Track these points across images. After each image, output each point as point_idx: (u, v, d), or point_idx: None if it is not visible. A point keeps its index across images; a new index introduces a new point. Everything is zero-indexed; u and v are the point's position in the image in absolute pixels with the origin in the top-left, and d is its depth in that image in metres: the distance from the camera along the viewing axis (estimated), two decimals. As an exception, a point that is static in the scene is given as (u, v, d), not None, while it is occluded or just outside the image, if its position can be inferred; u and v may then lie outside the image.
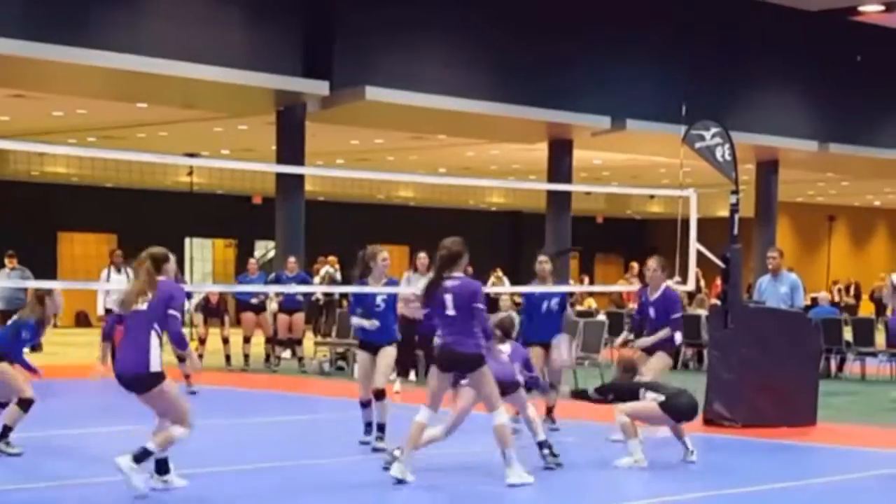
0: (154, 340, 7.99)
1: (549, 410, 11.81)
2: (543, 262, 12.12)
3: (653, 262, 11.46)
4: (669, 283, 11.59)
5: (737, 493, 8.85)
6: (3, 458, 9.57)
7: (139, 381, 7.97)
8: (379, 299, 10.56)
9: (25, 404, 9.74)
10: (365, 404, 10.46)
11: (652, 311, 11.28)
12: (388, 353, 10.50)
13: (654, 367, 10.99)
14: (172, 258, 8.31)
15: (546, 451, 9.46)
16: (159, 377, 7.97)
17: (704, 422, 12.36)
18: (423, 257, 15.69)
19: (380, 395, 10.34)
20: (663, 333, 11.14)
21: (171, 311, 8.02)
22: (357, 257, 10.71)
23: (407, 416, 8.94)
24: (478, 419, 9.49)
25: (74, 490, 8.54)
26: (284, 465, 9.70)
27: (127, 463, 7.91)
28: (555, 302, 11.91)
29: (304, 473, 9.45)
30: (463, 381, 9.04)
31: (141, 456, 7.96)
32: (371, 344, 10.53)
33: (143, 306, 8.05)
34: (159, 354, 8.04)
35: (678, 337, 11.32)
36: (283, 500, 8.33)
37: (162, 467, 8.22)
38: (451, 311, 8.77)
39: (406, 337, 15.02)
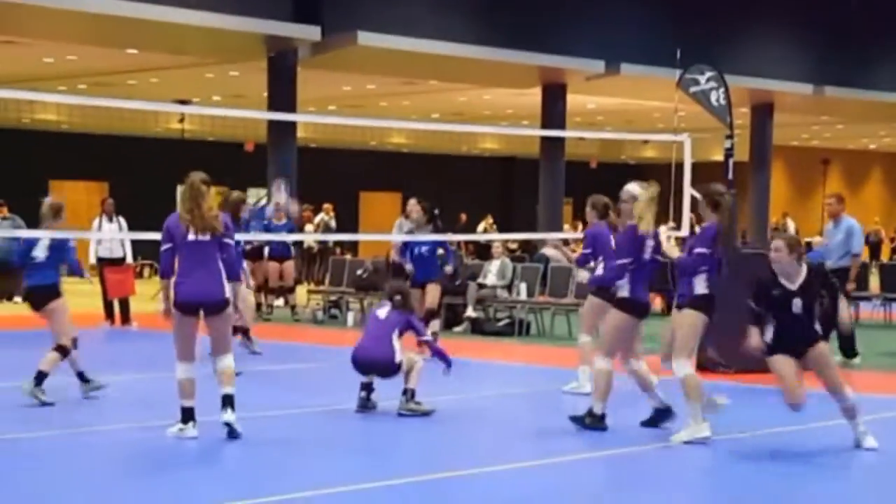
0: (222, 268, 8.43)
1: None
2: (415, 204, 13.70)
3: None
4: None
5: (732, 438, 8.85)
6: (26, 405, 9.55)
7: (219, 306, 8.41)
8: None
9: (63, 350, 9.84)
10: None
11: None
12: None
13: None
14: None
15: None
16: (228, 302, 8.49)
17: (698, 368, 12.35)
18: (412, 203, 15.61)
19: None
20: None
21: (227, 240, 8.51)
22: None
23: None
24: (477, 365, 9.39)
25: (89, 437, 8.55)
26: (280, 413, 9.68)
27: (229, 416, 8.33)
28: (426, 249, 13.29)
29: (299, 422, 9.43)
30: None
31: (229, 402, 8.36)
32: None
33: (206, 237, 8.35)
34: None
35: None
36: (281, 449, 8.30)
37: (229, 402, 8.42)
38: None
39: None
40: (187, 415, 8.35)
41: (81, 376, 10.16)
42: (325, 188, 27.19)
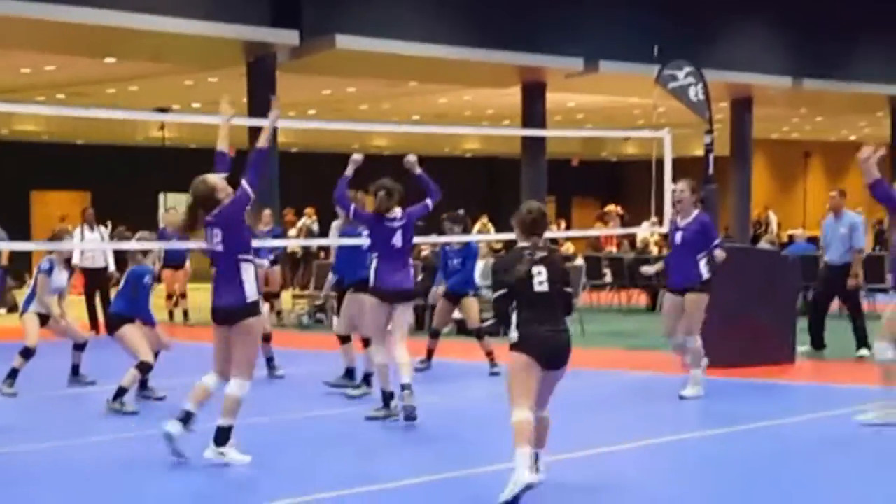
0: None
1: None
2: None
3: (682, 184, 10.65)
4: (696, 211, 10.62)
5: (716, 433, 8.87)
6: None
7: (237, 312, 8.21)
8: None
9: (144, 368, 10.25)
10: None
11: (679, 237, 10.56)
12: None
13: (690, 311, 10.47)
14: None
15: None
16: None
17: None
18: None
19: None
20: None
21: None
22: None
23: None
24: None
25: (83, 448, 8.52)
26: (267, 419, 9.66)
27: (210, 454, 7.85)
28: (457, 261, 12.98)
29: (287, 428, 9.41)
30: None
31: (222, 437, 7.86)
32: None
33: (219, 247, 8.33)
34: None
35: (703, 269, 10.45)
36: (269, 454, 8.28)
37: (222, 437, 7.91)
38: None
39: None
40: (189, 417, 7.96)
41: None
42: (307, 193, 27.09)
